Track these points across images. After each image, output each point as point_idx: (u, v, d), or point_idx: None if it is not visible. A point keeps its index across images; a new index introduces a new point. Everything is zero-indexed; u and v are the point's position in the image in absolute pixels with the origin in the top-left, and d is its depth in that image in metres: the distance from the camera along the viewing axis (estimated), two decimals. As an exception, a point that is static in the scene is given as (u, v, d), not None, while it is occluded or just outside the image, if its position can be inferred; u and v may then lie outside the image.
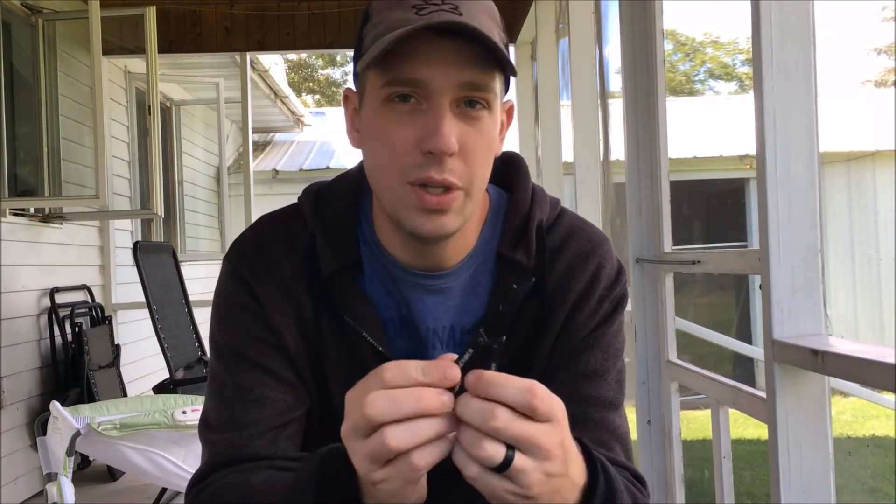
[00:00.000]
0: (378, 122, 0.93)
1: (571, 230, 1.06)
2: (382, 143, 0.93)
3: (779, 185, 1.64)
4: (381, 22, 0.91)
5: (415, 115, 0.90)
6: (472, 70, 0.89)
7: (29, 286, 4.46)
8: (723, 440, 2.14)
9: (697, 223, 10.21)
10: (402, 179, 0.91)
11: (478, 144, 0.92)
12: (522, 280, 1.01)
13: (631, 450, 1.04)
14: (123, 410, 3.12)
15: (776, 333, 1.65)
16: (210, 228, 8.26)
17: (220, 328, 1.04)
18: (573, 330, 1.03)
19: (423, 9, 0.89)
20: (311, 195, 1.07)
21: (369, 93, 0.94)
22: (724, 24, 20.43)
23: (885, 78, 16.60)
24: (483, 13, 0.92)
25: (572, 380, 1.02)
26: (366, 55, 0.91)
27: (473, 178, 0.93)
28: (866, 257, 9.19)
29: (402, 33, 0.87)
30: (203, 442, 1.02)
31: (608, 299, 1.04)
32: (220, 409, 1.01)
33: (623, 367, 1.07)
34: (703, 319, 8.53)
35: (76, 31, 4.92)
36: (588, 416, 1.01)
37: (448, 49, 0.89)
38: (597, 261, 1.05)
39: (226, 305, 1.04)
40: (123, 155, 5.94)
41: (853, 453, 6.06)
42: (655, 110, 2.55)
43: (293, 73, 20.63)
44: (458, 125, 0.90)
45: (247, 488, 0.92)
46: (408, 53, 0.88)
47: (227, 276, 1.04)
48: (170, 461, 3.07)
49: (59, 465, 2.95)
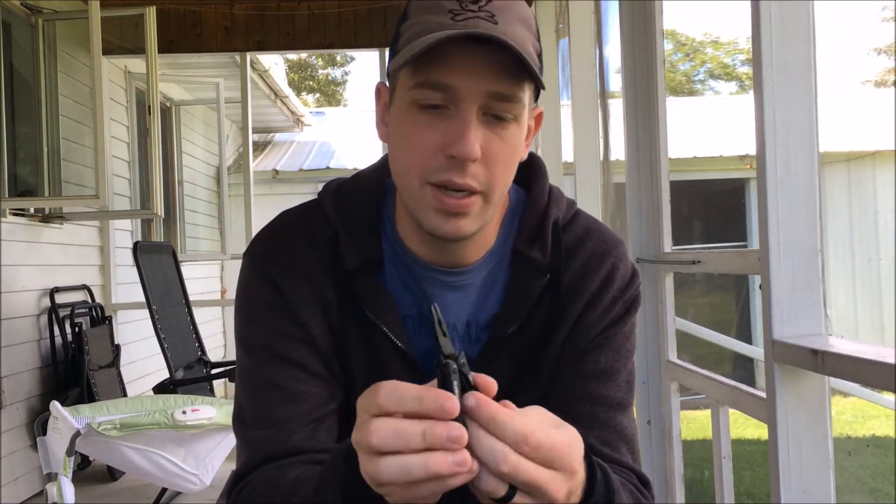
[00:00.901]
0: (405, 122, 0.94)
1: (588, 230, 1.07)
2: (407, 143, 0.94)
3: (779, 185, 1.64)
4: (418, 23, 0.92)
5: (441, 119, 0.91)
6: (501, 80, 0.90)
7: (29, 286, 4.46)
8: (723, 440, 2.14)
9: (697, 223, 10.21)
10: (423, 180, 0.93)
11: (501, 152, 0.93)
12: (537, 276, 1.02)
13: (638, 451, 1.05)
14: (123, 410, 3.12)
15: (776, 333, 1.65)
16: (210, 228, 8.26)
17: (247, 325, 1.04)
18: (584, 328, 1.04)
19: (459, 14, 0.90)
20: (333, 192, 1.07)
21: (400, 91, 0.95)
22: (724, 24, 20.45)
23: (885, 78, 16.61)
24: (519, 23, 0.92)
25: (581, 379, 1.03)
26: (399, 55, 0.93)
27: (494, 184, 0.94)
28: (866, 257, 9.19)
29: (434, 41, 0.88)
30: (240, 439, 1.01)
31: (621, 300, 1.05)
32: (256, 406, 1.00)
33: (633, 370, 1.08)
34: (703, 319, 8.53)
35: (76, 31, 4.92)
36: (595, 415, 1.01)
37: (479, 57, 0.90)
38: (612, 261, 1.06)
39: (252, 303, 1.04)
40: (123, 155, 5.94)
41: (853, 453, 6.06)
42: (655, 110, 2.55)
43: (293, 73, 20.63)
44: (483, 132, 0.91)
45: (282, 485, 0.92)
46: (439, 58, 0.89)
47: (252, 273, 1.04)
48: (170, 461, 3.07)
49: (59, 465, 2.95)
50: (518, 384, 1.04)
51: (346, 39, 5.60)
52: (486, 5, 0.91)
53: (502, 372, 1.02)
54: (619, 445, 1.01)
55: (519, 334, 1.02)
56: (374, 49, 5.65)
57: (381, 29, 5.57)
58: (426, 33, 0.89)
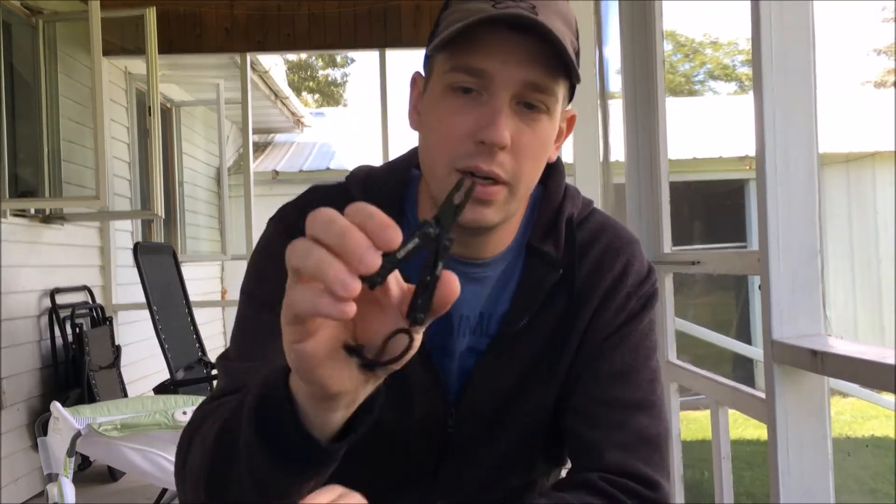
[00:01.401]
0: (437, 107, 0.94)
1: (602, 227, 1.07)
2: (438, 128, 0.94)
3: (778, 186, 1.65)
4: (458, 10, 0.93)
5: (474, 105, 0.91)
6: (537, 69, 0.90)
7: (29, 287, 4.46)
8: (722, 441, 2.14)
9: (697, 224, 10.22)
10: (450, 166, 0.92)
11: (531, 144, 0.93)
12: (550, 271, 1.02)
13: (661, 449, 1.02)
14: (124, 411, 3.12)
15: (776, 334, 1.65)
16: (210, 229, 8.26)
17: (257, 281, 1.03)
18: (600, 326, 1.03)
19: (500, 2, 0.90)
20: (361, 177, 1.08)
21: (435, 76, 0.95)
22: (723, 25, 20.45)
23: (884, 78, 16.62)
24: (559, 18, 0.92)
25: (596, 381, 1.02)
26: (436, 39, 0.93)
27: (521, 176, 0.93)
28: (866, 258, 9.20)
29: (474, 20, 0.88)
30: (220, 371, 1.00)
31: (636, 296, 1.05)
32: (243, 344, 0.99)
33: (657, 367, 1.06)
34: (703, 320, 8.54)
35: (76, 32, 4.92)
36: (611, 418, 1.00)
37: (516, 44, 0.89)
38: (626, 258, 1.05)
39: (267, 258, 1.02)
40: (124, 156, 5.94)
41: (852, 454, 6.07)
42: (655, 111, 2.55)
43: (293, 74, 20.64)
44: (515, 121, 0.91)
45: (222, 406, 0.88)
46: (476, 42, 0.89)
47: (278, 235, 1.03)
48: (170, 462, 3.06)
49: (59, 465, 2.95)
50: (530, 379, 1.03)
51: (346, 40, 5.60)
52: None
53: (511, 366, 1.03)
54: (636, 448, 0.99)
55: (530, 329, 1.02)
56: (374, 50, 5.65)
57: (380, 29, 5.57)
58: (465, 19, 0.89)
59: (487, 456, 1.07)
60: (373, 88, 2.21)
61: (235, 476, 0.77)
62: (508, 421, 1.05)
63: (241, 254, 6.10)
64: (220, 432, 0.81)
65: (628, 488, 0.97)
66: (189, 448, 0.88)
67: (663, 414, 1.04)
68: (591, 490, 0.97)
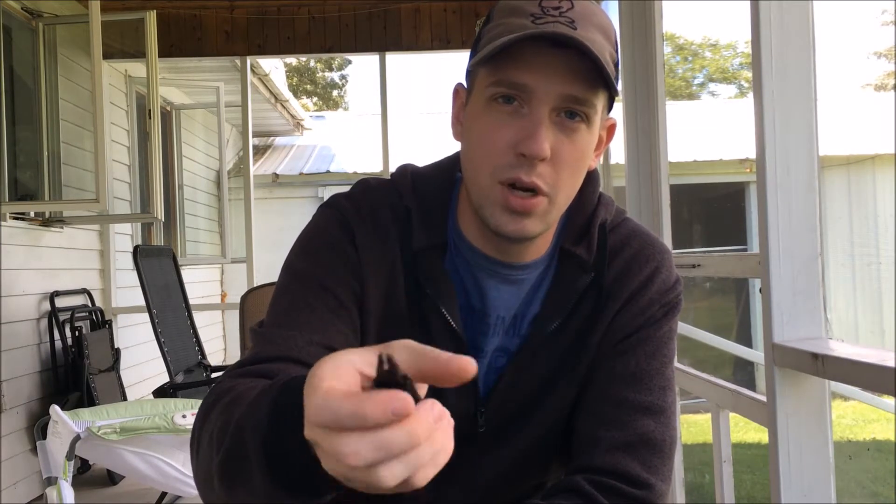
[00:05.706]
0: (479, 120, 0.97)
1: (634, 233, 1.09)
2: (480, 140, 0.97)
3: (779, 189, 1.65)
4: (499, 25, 0.95)
5: (515, 118, 0.94)
6: (576, 84, 0.93)
7: (29, 290, 4.46)
8: (723, 444, 2.13)
9: (697, 227, 10.22)
10: (492, 178, 0.95)
11: (570, 154, 0.95)
12: (581, 274, 1.04)
13: (664, 454, 1.02)
14: (123, 414, 3.11)
15: (776, 337, 1.65)
16: (210, 232, 8.26)
17: (304, 258, 1.04)
18: (619, 326, 1.05)
19: (539, 18, 0.93)
20: (408, 175, 1.10)
21: (477, 90, 0.98)
22: (723, 27, 20.47)
23: (884, 81, 16.64)
24: (598, 31, 0.94)
25: (609, 380, 1.04)
26: (479, 53, 0.96)
27: (560, 187, 0.96)
28: (866, 261, 9.19)
29: (515, 38, 0.90)
30: (254, 338, 0.99)
31: (659, 303, 1.06)
32: (279, 313, 1.00)
33: (672, 376, 1.07)
34: (704, 323, 8.54)
35: (76, 35, 4.92)
36: (618, 417, 1.01)
37: (556, 60, 0.92)
38: (655, 265, 1.07)
39: (320, 242, 1.04)
40: (124, 159, 5.94)
41: (854, 457, 6.06)
42: (655, 114, 2.55)
43: (293, 77, 20.65)
44: (555, 133, 0.94)
45: (236, 389, 0.83)
46: (517, 58, 0.92)
47: (330, 219, 1.05)
48: (170, 465, 3.06)
49: (58, 469, 2.95)
50: (558, 380, 1.06)
51: (346, 43, 5.61)
52: (567, 11, 0.93)
53: (541, 366, 1.05)
54: (636, 448, 1.00)
55: (561, 331, 1.04)
56: (373, 53, 5.65)
57: (380, 32, 5.58)
58: (507, 34, 0.92)
59: (506, 455, 1.08)
60: (373, 91, 2.21)
61: (241, 482, 0.74)
62: (533, 420, 1.07)
63: (241, 257, 6.08)
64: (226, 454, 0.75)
65: (612, 488, 0.98)
66: (205, 420, 0.83)
67: (672, 422, 1.04)
68: (570, 493, 0.98)
